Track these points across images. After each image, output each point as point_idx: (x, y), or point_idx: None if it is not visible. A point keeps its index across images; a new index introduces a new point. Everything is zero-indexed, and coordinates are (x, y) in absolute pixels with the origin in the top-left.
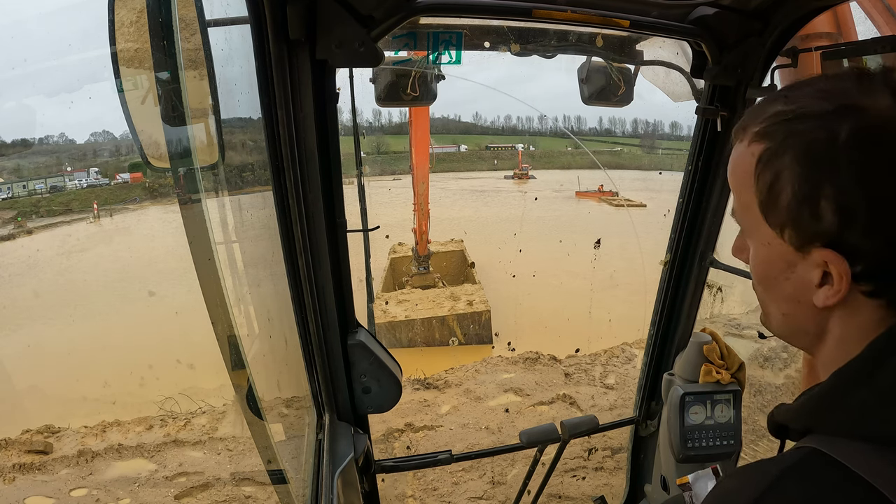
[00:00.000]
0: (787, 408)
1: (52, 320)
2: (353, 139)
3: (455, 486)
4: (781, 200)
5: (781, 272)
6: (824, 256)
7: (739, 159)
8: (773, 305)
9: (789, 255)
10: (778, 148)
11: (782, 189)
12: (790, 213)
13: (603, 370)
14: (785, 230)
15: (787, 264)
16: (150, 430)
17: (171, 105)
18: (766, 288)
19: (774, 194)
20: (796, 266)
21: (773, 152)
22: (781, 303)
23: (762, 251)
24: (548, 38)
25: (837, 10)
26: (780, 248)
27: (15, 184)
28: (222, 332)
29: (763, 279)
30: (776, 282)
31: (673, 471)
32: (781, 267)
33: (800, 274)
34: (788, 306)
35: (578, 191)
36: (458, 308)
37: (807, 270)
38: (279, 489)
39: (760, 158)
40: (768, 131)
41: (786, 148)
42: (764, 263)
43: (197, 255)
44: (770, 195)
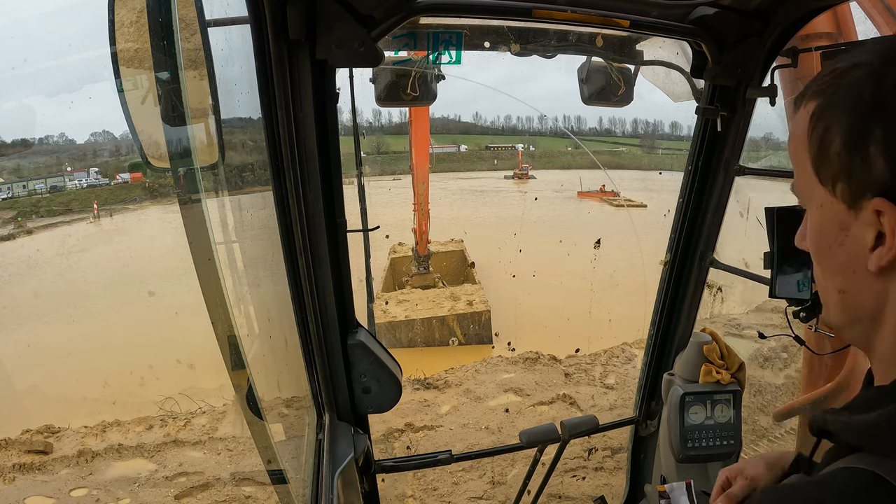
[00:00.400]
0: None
1: (52, 320)
2: (353, 139)
3: (455, 486)
4: (832, 152)
5: (835, 237)
6: (876, 206)
7: (796, 123)
8: (829, 284)
9: (842, 214)
10: (829, 101)
11: (832, 140)
12: (841, 163)
13: (603, 370)
14: (837, 184)
15: (840, 226)
16: (150, 430)
17: (171, 105)
18: (820, 261)
19: (825, 147)
20: (850, 228)
21: (824, 106)
22: (837, 276)
23: (816, 216)
24: (548, 38)
25: (837, 10)
26: (833, 208)
27: (15, 184)
28: (222, 332)
29: (818, 250)
30: (830, 251)
31: (673, 471)
32: (834, 231)
33: (853, 236)
34: (844, 280)
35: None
36: (458, 308)
37: (860, 231)
38: (279, 489)
39: (813, 114)
40: (821, 88)
41: (836, 99)
42: (818, 230)
43: (197, 255)
44: (821, 149)
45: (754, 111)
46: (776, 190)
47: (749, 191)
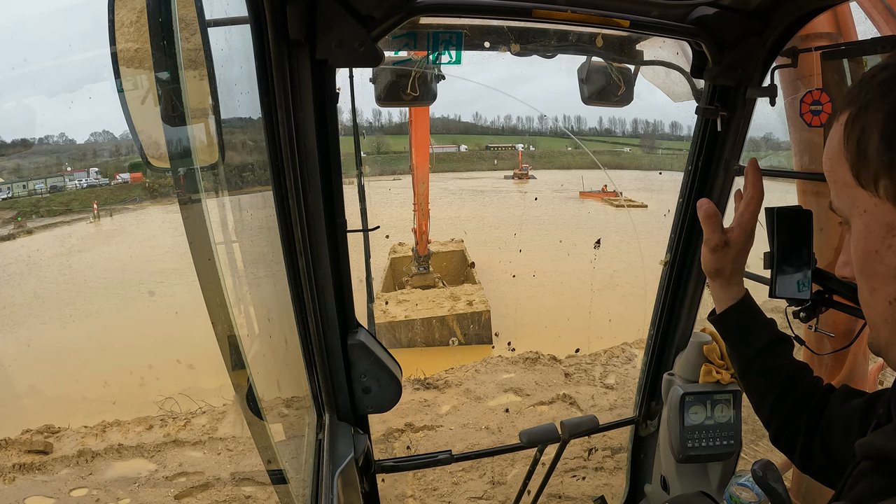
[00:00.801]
0: None
1: (52, 320)
2: (353, 139)
3: (455, 486)
4: (871, 150)
5: (883, 240)
6: None
7: (830, 139)
8: (880, 298)
9: (888, 214)
10: (861, 105)
11: (869, 140)
12: (881, 158)
13: (603, 370)
14: (880, 182)
15: (887, 228)
16: (150, 430)
17: (171, 105)
18: (867, 272)
19: (863, 149)
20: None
21: (857, 110)
22: (888, 285)
23: (861, 225)
24: (548, 38)
25: (837, 10)
26: (879, 210)
27: (15, 184)
28: (222, 332)
29: (865, 262)
30: (879, 258)
31: (673, 471)
32: (882, 233)
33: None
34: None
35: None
36: (458, 308)
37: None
38: (279, 489)
39: (847, 123)
40: (851, 98)
41: (867, 101)
42: (864, 237)
43: (197, 255)
44: (859, 152)
45: (754, 111)
46: (776, 190)
47: None
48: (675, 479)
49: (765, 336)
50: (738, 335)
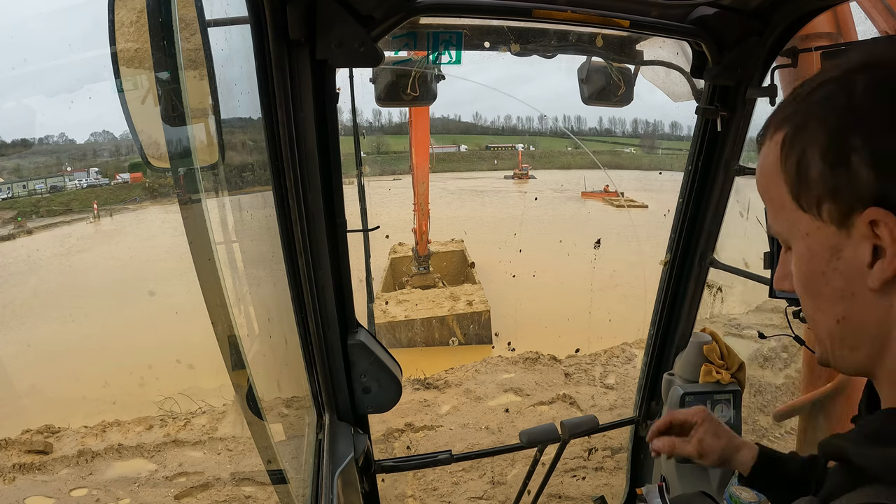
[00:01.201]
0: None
1: (52, 320)
2: (353, 139)
3: (455, 486)
4: (812, 174)
5: (827, 263)
6: (870, 216)
7: (764, 157)
8: (824, 315)
9: (832, 237)
10: (799, 124)
11: (810, 162)
12: (824, 183)
13: (603, 370)
14: (822, 206)
15: (831, 251)
16: (150, 430)
17: (171, 105)
18: (814, 294)
19: (803, 172)
20: (842, 250)
21: (794, 130)
22: (835, 305)
23: (803, 247)
24: (548, 38)
25: (837, 10)
26: (821, 233)
27: (15, 184)
28: (222, 332)
29: (809, 283)
30: (824, 279)
31: (673, 471)
32: (826, 256)
33: (847, 257)
34: (842, 306)
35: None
36: (458, 308)
37: (855, 250)
38: (279, 489)
39: (783, 143)
40: (787, 115)
41: (806, 121)
42: (806, 260)
43: (197, 255)
44: (799, 174)
45: (754, 111)
46: None
47: (749, 191)
48: (675, 479)
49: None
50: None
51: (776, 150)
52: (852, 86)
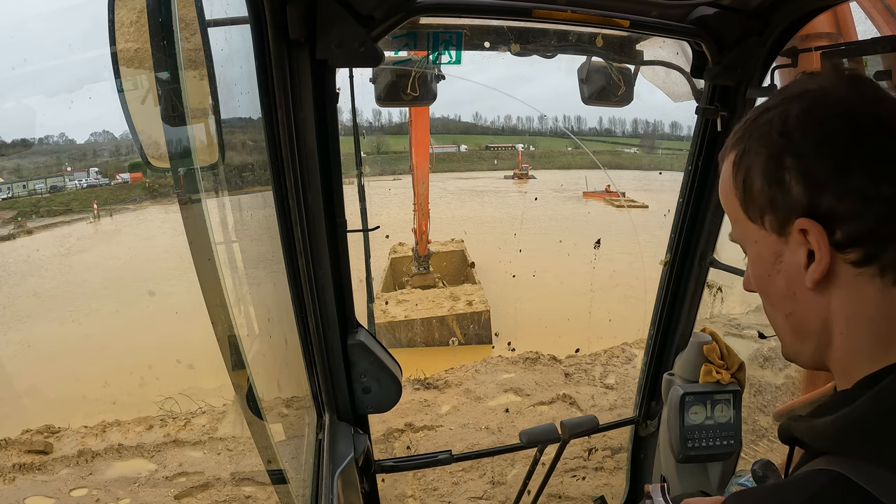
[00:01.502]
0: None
1: (52, 320)
2: (353, 139)
3: (455, 486)
4: (755, 190)
5: (772, 266)
6: (800, 226)
7: (722, 175)
8: (777, 313)
9: (774, 244)
10: (746, 147)
11: (754, 179)
12: (764, 197)
13: (603, 370)
14: (765, 217)
15: (774, 256)
16: (150, 430)
17: (171, 105)
18: (765, 292)
19: (749, 187)
20: (783, 254)
21: (742, 151)
22: (782, 303)
23: (753, 253)
24: (548, 38)
25: (837, 10)
26: (766, 241)
27: (15, 184)
28: (222, 332)
29: (760, 284)
30: (771, 281)
31: (673, 471)
32: (771, 260)
33: (787, 261)
34: (788, 304)
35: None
36: (458, 308)
37: (792, 254)
38: (279, 489)
39: (735, 163)
40: (738, 138)
41: (751, 144)
42: (757, 264)
43: (197, 255)
44: (746, 190)
45: None
46: None
47: None
48: (675, 479)
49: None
50: None
51: (729, 169)
52: (787, 112)
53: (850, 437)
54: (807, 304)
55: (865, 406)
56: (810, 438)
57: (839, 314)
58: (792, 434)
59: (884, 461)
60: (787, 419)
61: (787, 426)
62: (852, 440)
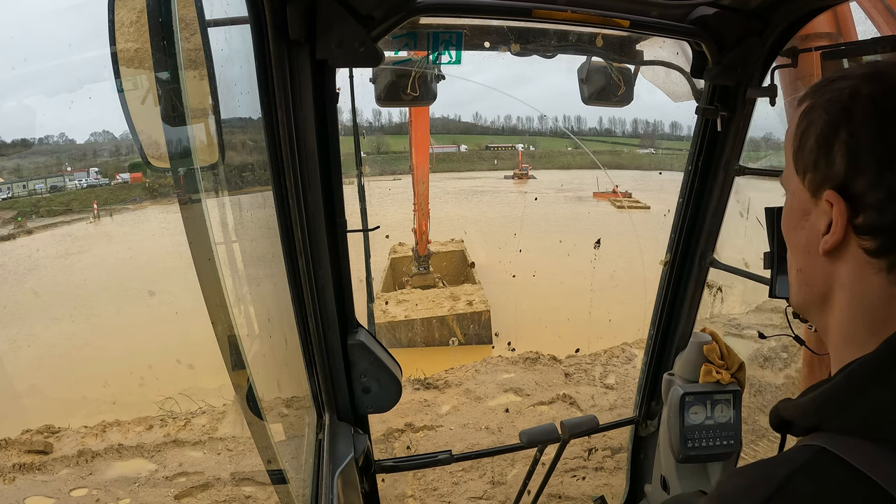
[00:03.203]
0: (794, 404)
1: (53, 320)
2: (353, 139)
3: (455, 486)
4: (808, 145)
5: (799, 220)
6: (829, 197)
7: (791, 120)
8: (793, 263)
9: (806, 202)
10: (815, 102)
11: (809, 136)
12: (811, 156)
13: (603, 370)
14: (806, 174)
15: (803, 212)
16: (150, 430)
17: (171, 105)
18: (789, 241)
19: (804, 142)
20: (810, 214)
21: (811, 106)
22: (798, 255)
23: (789, 200)
24: (548, 38)
25: (837, 10)
26: (801, 195)
27: (15, 184)
28: (222, 332)
29: (788, 231)
30: (795, 231)
31: (673, 471)
32: (799, 215)
33: (812, 222)
34: (802, 259)
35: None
36: (458, 308)
37: (817, 218)
38: (279, 489)
39: (802, 113)
40: (814, 90)
41: (819, 102)
42: (788, 213)
43: (197, 255)
44: (801, 143)
45: (754, 111)
46: (776, 190)
47: (749, 191)
48: (675, 479)
49: None
50: None
51: (796, 118)
52: (858, 89)
53: (829, 412)
54: (818, 266)
55: (840, 381)
56: (796, 417)
57: (843, 290)
58: (780, 415)
59: (864, 433)
60: (777, 404)
61: (776, 409)
62: (832, 414)
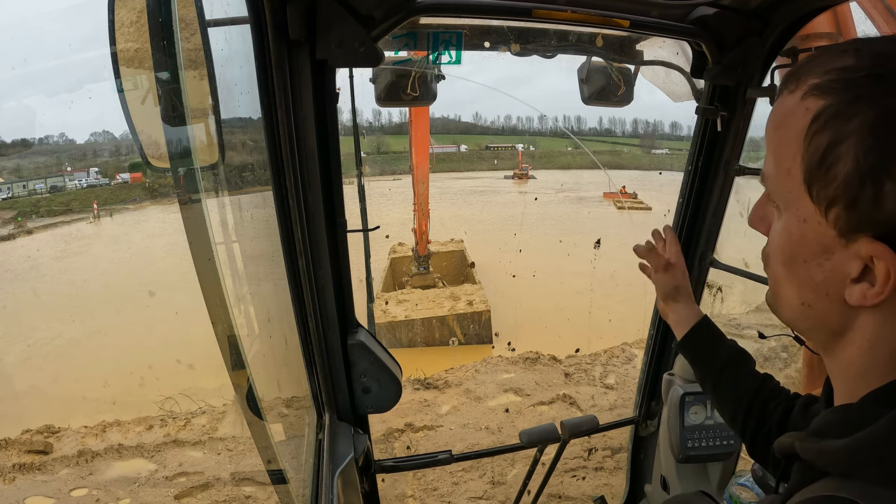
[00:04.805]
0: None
1: (52, 319)
2: (353, 139)
3: (455, 486)
4: (837, 172)
5: (814, 257)
6: (873, 251)
7: (789, 114)
8: (791, 290)
9: (829, 239)
10: (844, 108)
11: (840, 158)
12: (845, 189)
13: (603, 370)
14: (832, 209)
15: (823, 249)
16: (150, 430)
17: (171, 105)
18: (789, 269)
19: (828, 163)
20: (834, 253)
21: (835, 112)
22: (805, 291)
23: (795, 227)
24: (548, 38)
25: (837, 10)
26: (820, 229)
27: (15, 184)
28: (222, 332)
29: (789, 259)
30: (805, 267)
31: (673, 471)
32: (815, 251)
33: (836, 263)
34: (813, 297)
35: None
36: (458, 308)
37: (845, 261)
38: (279, 489)
39: (818, 117)
40: (833, 87)
41: (855, 110)
42: (795, 242)
43: (197, 255)
44: (822, 163)
45: (754, 111)
46: None
47: (749, 191)
48: (675, 479)
49: (729, 348)
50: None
51: (805, 118)
52: None
53: (863, 461)
54: (833, 308)
55: (884, 428)
56: (819, 461)
57: (864, 332)
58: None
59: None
60: (787, 436)
61: (790, 445)
62: (866, 464)
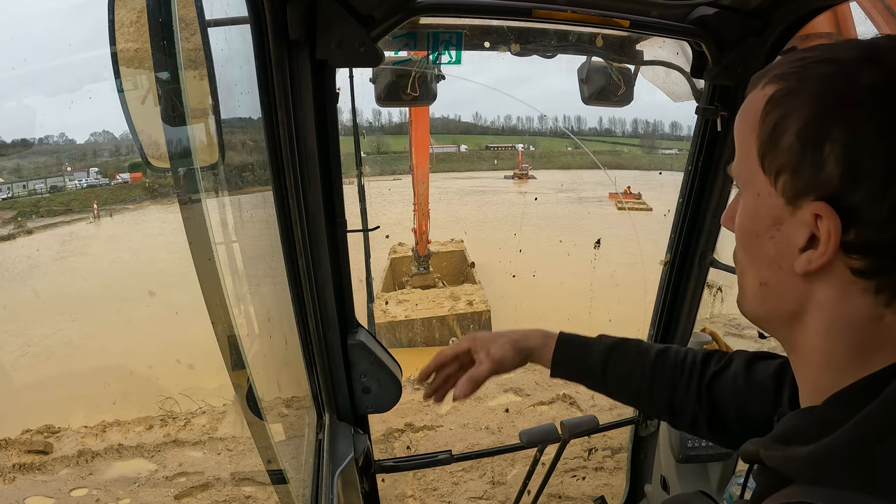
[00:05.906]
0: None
1: (52, 319)
2: (353, 139)
3: (455, 486)
4: (783, 141)
5: (766, 229)
6: (816, 209)
7: (749, 102)
8: (751, 272)
9: (778, 208)
10: (792, 87)
11: (786, 129)
12: (790, 156)
13: None
14: (780, 177)
15: (773, 220)
16: (150, 430)
17: (171, 105)
18: (746, 248)
19: (777, 135)
20: (783, 223)
21: (785, 91)
22: (761, 268)
23: (750, 203)
24: (548, 38)
25: (837, 10)
26: (770, 200)
27: (15, 184)
28: (222, 332)
29: (746, 237)
30: (759, 241)
31: (673, 471)
32: (767, 223)
33: (785, 233)
34: (768, 272)
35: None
36: (458, 308)
37: (793, 229)
38: (279, 489)
39: (771, 98)
40: (786, 73)
41: (801, 88)
42: (750, 217)
43: (197, 255)
44: (772, 136)
45: None
46: None
47: None
48: (675, 479)
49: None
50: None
51: (761, 102)
52: (856, 77)
53: (830, 466)
54: (788, 283)
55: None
56: (785, 469)
57: (820, 310)
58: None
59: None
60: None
61: (755, 452)
62: (833, 470)
